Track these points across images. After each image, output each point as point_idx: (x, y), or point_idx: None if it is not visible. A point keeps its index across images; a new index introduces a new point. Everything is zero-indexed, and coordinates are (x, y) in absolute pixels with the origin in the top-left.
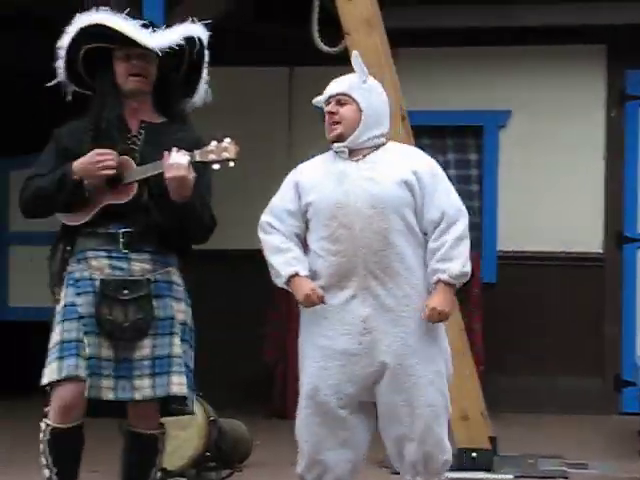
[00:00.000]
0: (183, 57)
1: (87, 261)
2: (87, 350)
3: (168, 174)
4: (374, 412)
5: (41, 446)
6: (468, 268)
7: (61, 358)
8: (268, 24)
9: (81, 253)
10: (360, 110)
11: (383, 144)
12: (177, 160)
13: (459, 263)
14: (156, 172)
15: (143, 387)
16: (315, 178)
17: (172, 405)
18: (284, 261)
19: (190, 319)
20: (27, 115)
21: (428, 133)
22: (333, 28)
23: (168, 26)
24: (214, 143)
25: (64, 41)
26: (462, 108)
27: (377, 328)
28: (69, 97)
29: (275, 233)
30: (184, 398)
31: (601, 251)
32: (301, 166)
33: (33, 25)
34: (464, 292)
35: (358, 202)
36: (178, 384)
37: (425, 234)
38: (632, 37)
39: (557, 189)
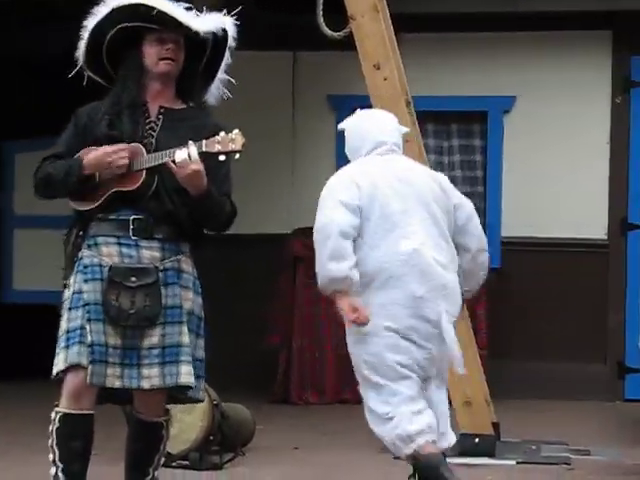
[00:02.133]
0: (206, 48)
1: (97, 247)
2: (89, 337)
3: (179, 175)
4: None
5: (49, 440)
6: None
7: (67, 347)
8: (269, 10)
9: (92, 239)
10: None
11: None
12: (183, 157)
13: None
14: (163, 161)
15: (152, 376)
16: None
17: (179, 394)
18: None
19: (198, 308)
20: (33, 99)
21: (432, 119)
22: (338, 13)
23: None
24: (222, 134)
25: (90, 21)
26: (466, 94)
27: None
28: (85, 81)
29: None
30: (190, 388)
31: (605, 238)
32: None
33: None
34: None
35: None
36: (186, 373)
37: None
38: (638, 23)
39: (561, 175)
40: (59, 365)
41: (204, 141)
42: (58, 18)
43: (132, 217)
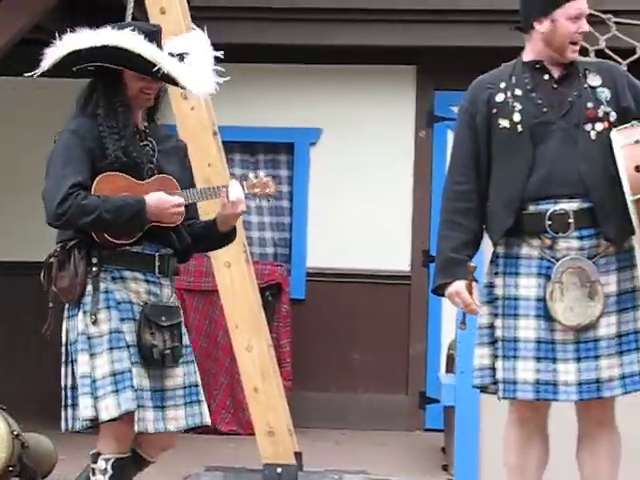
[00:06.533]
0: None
1: (124, 282)
2: (135, 381)
3: (233, 210)
4: None
5: None
6: None
7: (117, 392)
8: None
9: (116, 271)
10: None
11: None
12: (240, 196)
13: None
14: (210, 199)
15: (178, 418)
16: None
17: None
18: None
19: None
20: None
21: (240, 149)
22: None
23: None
24: (252, 176)
25: (71, 42)
26: (274, 125)
27: None
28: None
29: None
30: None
31: (408, 269)
32: None
33: None
34: (273, 308)
35: None
36: (207, 413)
37: None
38: (440, 59)
39: (367, 207)
40: (110, 411)
41: (245, 183)
42: None
43: (157, 253)
